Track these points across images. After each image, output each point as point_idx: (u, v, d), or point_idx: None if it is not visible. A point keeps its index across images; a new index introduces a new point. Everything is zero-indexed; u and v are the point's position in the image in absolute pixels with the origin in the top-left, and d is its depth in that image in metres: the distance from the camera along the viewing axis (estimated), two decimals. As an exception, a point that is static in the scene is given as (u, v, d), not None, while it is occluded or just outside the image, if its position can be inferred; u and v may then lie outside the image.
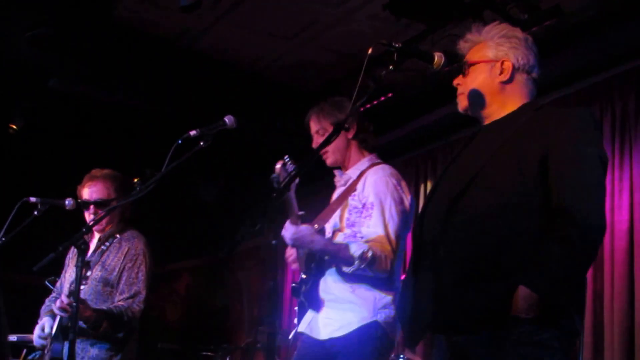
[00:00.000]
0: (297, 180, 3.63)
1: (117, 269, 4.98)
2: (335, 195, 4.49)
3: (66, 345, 4.71)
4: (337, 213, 4.29)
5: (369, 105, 4.34)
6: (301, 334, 4.26)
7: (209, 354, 8.73)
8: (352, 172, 4.37)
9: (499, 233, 2.91)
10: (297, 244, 4.02)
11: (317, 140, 4.41)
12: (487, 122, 3.29)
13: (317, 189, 8.10)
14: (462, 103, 3.29)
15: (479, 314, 2.86)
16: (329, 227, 4.28)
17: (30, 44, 7.01)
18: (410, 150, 9.13)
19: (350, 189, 4.28)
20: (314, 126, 4.44)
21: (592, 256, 2.95)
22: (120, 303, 4.87)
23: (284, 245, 4.18)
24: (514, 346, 2.81)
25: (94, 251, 5.09)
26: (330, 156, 4.39)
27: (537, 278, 2.78)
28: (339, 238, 4.18)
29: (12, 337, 6.12)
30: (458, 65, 3.30)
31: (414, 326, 3.15)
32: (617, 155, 6.78)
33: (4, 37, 7.09)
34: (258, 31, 7.56)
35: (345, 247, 3.98)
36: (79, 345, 4.81)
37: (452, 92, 3.35)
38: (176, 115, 8.26)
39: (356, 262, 3.91)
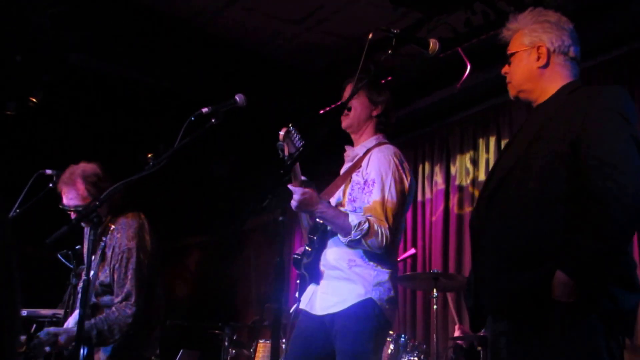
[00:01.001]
0: (301, 150, 3.63)
1: (108, 270, 4.75)
2: (342, 171, 4.45)
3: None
4: (341, 188, 4.26)
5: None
6: (301, 310, 4.25)
7: (217, 331, 8.70)
8: (359, 149, 4.33)
9: (535, 218, 2.94)
10: (301, 205, 3.92)
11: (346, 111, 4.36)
12: (537, 102, 3.30)
13: (327, 166, 8.21)
14: (511, 92, 3.35)
15: (520, 300, 2.89)
16: (332, 201, 4.22)
17: (50, 20, 7.08)
18: (408, 132, 9.18)
19: (356, 165, 4.25)
20: (349, 90, 4.31)
21: (624, 236, 2.89)
22: (112, 310, 4.67)
23: (290, 221, 4.19)
24: (558, 331, 2.83)
25: (94, 249, 4.72)
26: (348, 119, 4.32)
27: (571, 263, 2.78)
28: None
29: (22, 312, 6.11)
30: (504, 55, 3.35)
31: (475, 310, 3.18)
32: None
33: (26, 13, 7.15)
34: (268, 15, 7.68)
35: (345, 215, 3.99)
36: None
37: (448, 77, 3.43)
38: (189, 93, 8.34)
39: (352, 232, 3.92)
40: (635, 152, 2.89)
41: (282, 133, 3.84)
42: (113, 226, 4.83)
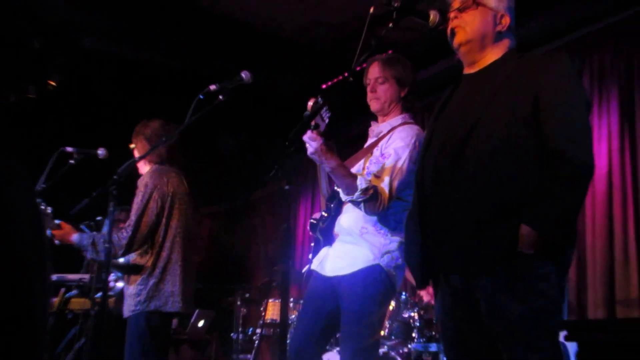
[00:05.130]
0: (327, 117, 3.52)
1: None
2: (366, 145, 4.37)
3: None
4: (362, 161, 4.23)
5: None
6: (313, 271, 4.23)
7: (229, 293, 8.77)
8: (384, 126, 4.27)
9: (503, 176, 2.92)
10: (317, 153, 3.77)
11: (373, 86, 4.27)
12: (473, 68, 3.26)
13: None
14: (461, 36, 3.21)
15: (492, 253, 2.89)
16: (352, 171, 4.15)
17: (66, 5, 7.05)
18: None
19: (378, 141, 4.21)
20: (376, 72, 4.28)
21: (584, 193, 2.99)
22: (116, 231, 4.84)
23: (296, 190, 4.14)
24: (518, 279, 2.87)
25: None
26: (378, 104, 4.26)
27: (537, 217, 2.83)
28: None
29: (52, 277, 6.20)
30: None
31: (425, 268, 3.16)
32: (595, 106, 6.86)
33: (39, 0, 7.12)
34: (272, -8, 7.57)
35: (354, 176, 3.91)
36: (125, 283, 4.94)
37: (446, 50, 3.36)
38: (198, 71, 8.28)
39: (356, 193, 3.85)
40: (589, 117, 3.04)
41: (310, 104, 3.65)
42: (147, 171, 5.08)
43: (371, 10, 3.07)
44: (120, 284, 4.95)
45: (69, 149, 5.13)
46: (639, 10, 6.81)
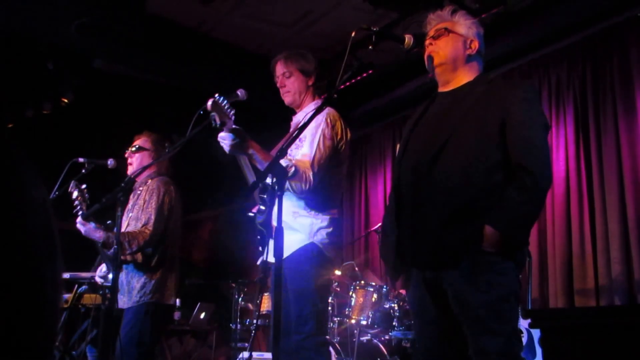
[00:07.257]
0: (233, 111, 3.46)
1: (141, 206, 4.95)
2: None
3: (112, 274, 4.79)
4: None
5: (353, 80, 4.35)
6: (270, 262, 4.15)
7: (228, 288, 8.78)
8: (300, 116, 4.22)
9: (472, 184, 2.97)
10: (234, 148, 3.70)
11: (282, 82, 4.24)
12: (447, 87, 3.30)
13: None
14: (436, 59, 3.26)
15: (459, 250, 2.94)
16: None
17: (77, 31, 7.03)
18: (389, 116, 9.17)
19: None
20: (280, 69, 4.25)
21: (543, 201, 3.08)
22: (131, 229, 4.86)
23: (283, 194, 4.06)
24: (481, 273, 2.92)
25: (134, 195, 5.12)
26: (290, 96, 4.23)
27: (500, 219, 2.91)
28: None
29: (66, 275, 6.17)
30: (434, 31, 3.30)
31: (399, 262, 3.19)
32: (553, 117, 6.92)
33: (56, 25, 7.11)
34: (263, 20, 7.58)
35: (274, 158, 3.71)
36: (127, 278, 4.87)
37: (420, 69, 3.37)
38: (197, 90, 8.27)
39: None
40: (547, 136, 3.12)
41: (209, 103, 3.47)
42: (150, 180, 5.10)
43: (353, 34, 3.06)
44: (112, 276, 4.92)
45: (81, 160, 5.10)
46: (589, 34, 6.90)
